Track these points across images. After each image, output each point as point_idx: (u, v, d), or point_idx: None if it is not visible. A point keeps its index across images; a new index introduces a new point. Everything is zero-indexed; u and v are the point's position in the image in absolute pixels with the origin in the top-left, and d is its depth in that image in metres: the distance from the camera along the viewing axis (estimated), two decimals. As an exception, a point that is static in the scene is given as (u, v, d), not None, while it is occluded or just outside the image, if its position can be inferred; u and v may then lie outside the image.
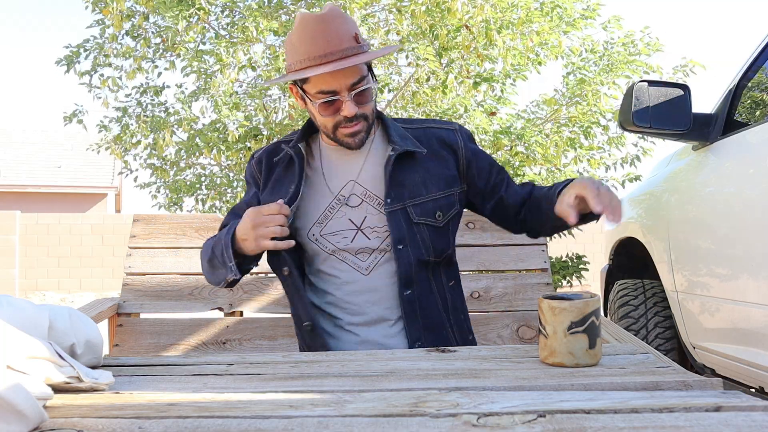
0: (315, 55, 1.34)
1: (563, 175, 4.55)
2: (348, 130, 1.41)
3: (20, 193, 16.56)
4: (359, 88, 1.39)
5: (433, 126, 1.56)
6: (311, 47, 1.35)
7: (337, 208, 1.46)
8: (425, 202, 1.46)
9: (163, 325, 2.02)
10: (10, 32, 68.20)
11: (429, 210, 1.46)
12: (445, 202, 1.48)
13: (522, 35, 4.36)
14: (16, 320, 0.87)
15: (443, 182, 1.49)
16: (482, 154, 1.56)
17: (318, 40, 1.34)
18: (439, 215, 1.47)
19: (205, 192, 4.89)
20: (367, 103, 1.42)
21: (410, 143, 1.48)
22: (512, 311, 2.03)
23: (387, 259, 1.45)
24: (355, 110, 1.39)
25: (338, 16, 1.37)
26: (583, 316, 1.01)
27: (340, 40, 1.35)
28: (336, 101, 1.38)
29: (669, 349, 2.50)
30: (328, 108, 1.39)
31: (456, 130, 1.55)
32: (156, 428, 0.71)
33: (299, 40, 1.36)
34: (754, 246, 1.84)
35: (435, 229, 1.46)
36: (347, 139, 1.43)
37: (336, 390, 0.88)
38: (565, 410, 0.75)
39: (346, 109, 1.38)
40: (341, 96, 1.38)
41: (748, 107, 2.23)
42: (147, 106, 4.82)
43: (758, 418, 0.70)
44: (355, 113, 1.39)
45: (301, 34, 1.36)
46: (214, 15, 4.67)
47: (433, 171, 1.49)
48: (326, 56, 1.34)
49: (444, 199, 1.48)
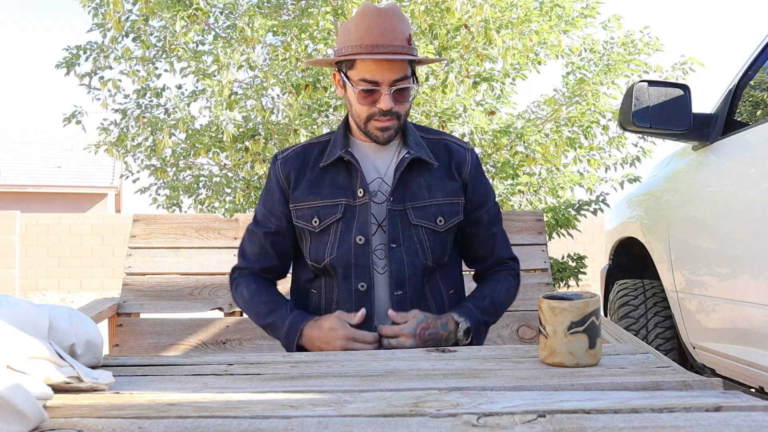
0: (367, 44, 1.39)
1: (563, 175, 4.55)
2: (380, 124, 1.45)
3: (20, 193, 16.56)
4: (400, 85, 1.43)
5: (448, 139, 1.59)
6: (365, 35, 1.39)
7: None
8: (427, 206, 1.48)
9: (163, 325, 2.02)
10: (10, 32, 68.20)
11: (430, 214, 1.48)
12: (448, 209, 1.50)
13: (521, 35, 4.36)
14: (16, 320, 0.87)
15: (448, 190, 1.51)
16: (485, 185, 1.59)
17: (373, 31, 1.39)
18: (440, 220, 1.48)
19: (203, 192, 4.89)
20: (404, 103, 1.46)
21: (424, 152, 1.51)
22: (512, 311, 2.03)
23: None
24: (392, 105, 1.42)
25: (397, 14, 1.42)
26: (583, 316, 1.01)
27: (394, 36, 1.40)
28: (375, 92, 1.42)
29: (669, 349, 2.50)
30: (366, 97, 1.43)
31: (468, 150, 1.58)
32: (156, 428, 0.71)
33: (355, 28, 1.41)
34: (754, 246, 1.84)
35: (434, 233, 1.48)
36: (377, 132, 1.46)
37: (336, 390, 0.88)
38: (565, 410, 0.75)
39: (383, 102, 1.42)
40: (381, 88, 1.41)
41: (748, 107, 2.23)
42: (146, 107, 4.82)
43: (758, 418, 0.70)
44: (390, 108, 1.42)
45: (359, 22, 1.41)
46: (213, 16, 4.68)
47: (440, 179, 1.51)
48: (378, 47, 1.39)
49: (447, 205, 1.50)
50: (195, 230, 2.13)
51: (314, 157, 1.53)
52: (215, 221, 2.15)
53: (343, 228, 1.46)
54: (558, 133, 4.48)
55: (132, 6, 4.58)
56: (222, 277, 2.08)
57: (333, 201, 1.47)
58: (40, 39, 75.23)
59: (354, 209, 1.47)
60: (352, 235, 1.45)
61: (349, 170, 1.49)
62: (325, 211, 1.47)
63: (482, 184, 1.57)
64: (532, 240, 2.15)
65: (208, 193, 4.87)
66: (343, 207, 1.47)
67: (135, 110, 4.81)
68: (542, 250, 2.12)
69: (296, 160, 1.54)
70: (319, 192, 1.49)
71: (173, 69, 4.72)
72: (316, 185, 1.50)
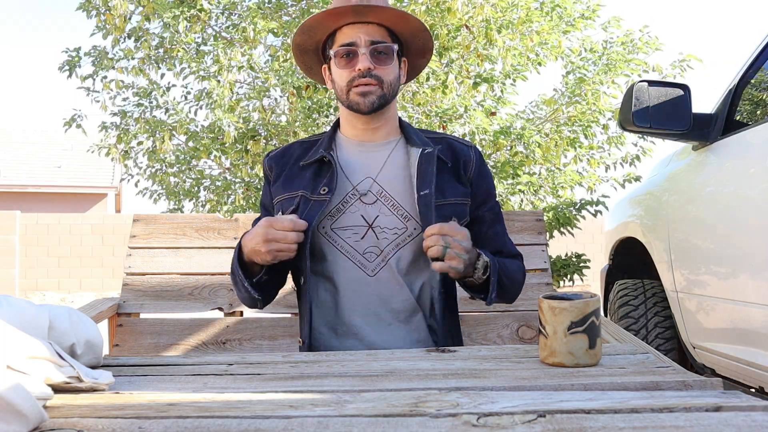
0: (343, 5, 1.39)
1: (563, 174, 4.56)
2: (360, 89, 1.42)
3: (20, 193, 16.56)
4: (379, 47, 1.41)
5: (451, 139, 1.58)
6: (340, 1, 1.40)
7: (351, 202, 1.45)
8: (443, 206, 1.45)
9: (163, 325, 2.02)
10: (10, 32, 68.21)
11: (446, 214, 1.44)
12: (461, 210, 1.48)
13: (522, 35, 4.37)
14: (16, 320, 0.87)
15: (459, 192, 1.49)
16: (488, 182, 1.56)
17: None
18: (454, 220, 1.46)
19: (204, 195, 4.89)
20: (386, 66, 1.43)
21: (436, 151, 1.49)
22: (512, 311, 2.03)
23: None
24: (370, 64, 1.40)
25: None
26: (583, 316, 1.01)
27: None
28: (353, 56, 1.41)
29: (669, 349, 2.50)
30: (345, 62, 1.42)
31: (471, 147, 1.56)
32: (156, 428, 0.71)
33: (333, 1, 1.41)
34: (754, 246, 1.84)
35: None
36: (358, 98, 1.43)
37: (336, 390, 0.88)
38: (565, 410, 0.74)
39: (361, 62, 1.40)
40: (359, 49, 1.40)
41: (748, 107, 2.23)
42: (146, 108, 4.82)
43: (758, 418, 0.70)
44: (368, 67, 1.40)
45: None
46: (215, 16, 4.68)
47: (449, 181, 1.49)
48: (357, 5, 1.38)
49: (459, 206, 1.48)
50: (195, 230, 2.13)
51: (297, 155, 1.54)
52: (215, 221, 2.15)
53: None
54: (558, 133, 4.48)
55: (134, 7, 4.59)
56: (222, 277, 2.08)
57: (292, 194, 1.46)
58: (40, 39, 75.28)
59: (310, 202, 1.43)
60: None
61: (327, 170, 1.47)
62: (285, 204, 1.47)
63: (485, 182, 1.55)
64: (532, 240, 2.14)
65: (209, 197, 4.88)
66: (299, 199, 1.45)
67: (135, 111, 4.82)
68: (542, 250, 2.12)
69: (280, 157, 1.55)
70: (290, 186, 1.49)
71: (173, 68, 4.72)
72: (289, 180, 1.50)
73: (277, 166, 1.54)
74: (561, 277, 4.36)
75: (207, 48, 4.63)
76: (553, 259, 4.35)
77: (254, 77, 4.65)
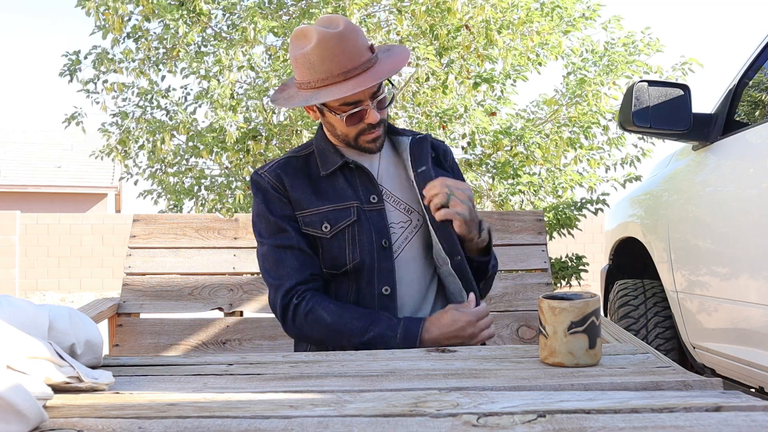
0: (337, 73, 1.37)
1: (563, 174, 4.56)
2: (370, 137, 1.45)
3: (20, 193, 16.56)
4: (381, 96, 1.43)
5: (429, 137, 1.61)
6: (333, 66, 1.36)
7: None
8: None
9: (163, 325, 2.02)
10: (10, 32, 68.29)
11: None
12: None
13: (522, 35, 4.37)
14: (16, 320, 0.87)
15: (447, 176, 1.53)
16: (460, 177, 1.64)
17: (340, 58, 1.36)
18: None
19: (204, 194, 4.89)
20: (386, 108, 1.48)
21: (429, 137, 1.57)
22: (512, 311, 2.03)
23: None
24: (378, 117, 1.43)
25: (354, 30, 1.39)
26: (583, 316, 1.01)
27: (359, 54, 1.38)
28: (360, 111, 1.42)
29: (669, 349, 2.50)
30: (353, 118, 1.42)
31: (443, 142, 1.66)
32: (156, 428, 0.71)
33: (320, 59, 1.36)
34: (754, 246, 1.84)
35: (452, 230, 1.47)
36: (369, 144, 1.46)
37: (336, 390, 0.88)
38: (565, 410, 0.74)
39: (371, 117, 1.42)
40: (364, 105, 1.41)
41: (747, 107, 2.23)
42: (147, 108, 4.83)
43: (758, 418, 0.70)
44: (378, 120, 1.43)
45: (322, 53, 1.36)
46: (215, 17, 4.68)
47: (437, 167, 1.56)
48: (349, 72, 1.37)
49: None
50: (195, 230, 2.13)
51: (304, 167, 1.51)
52: (215, 221, 2.15)
53: (358, 231, 1.43)
54: (558, 134, 4.48)
55: (134, 7, 4.59)
56: (222, 277, 2.08)
57: (345, 204, 1.44)
58: (40, 39, 75.40)
59: (366, 213, 1.45)
60: (372, 238, 1.42)
61: (353, 176, 1.48)
62: (336, 215, 1.44)
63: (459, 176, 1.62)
64: (532, 240, 2.14)
65: (209, 196, 4.88)
66: (356, 210, 1.44)
67: (136, 112, 4.82)
68: (542, 250, 2.12)
69: (285, 169, 1.50)
70: (326, 197, 1.46)
71: (174, 70, 4.72)
72: (319, 192, 1.47)
73: (288, 177, 1.48)
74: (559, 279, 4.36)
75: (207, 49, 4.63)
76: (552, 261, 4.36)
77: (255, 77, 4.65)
